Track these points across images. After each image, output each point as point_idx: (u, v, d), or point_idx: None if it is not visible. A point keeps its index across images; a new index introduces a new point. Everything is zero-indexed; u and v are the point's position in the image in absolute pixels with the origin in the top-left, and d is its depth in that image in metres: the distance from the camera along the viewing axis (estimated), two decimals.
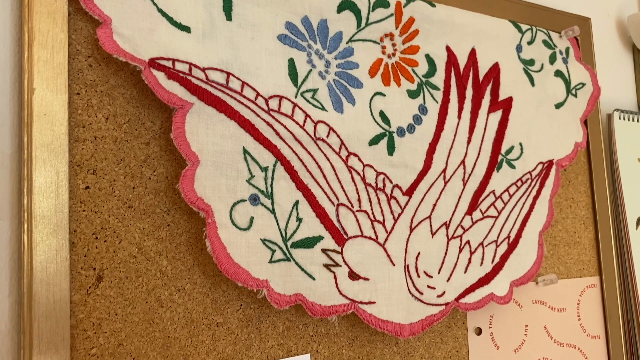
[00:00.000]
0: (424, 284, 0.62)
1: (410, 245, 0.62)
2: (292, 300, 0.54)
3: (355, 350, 0.61)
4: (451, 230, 0.65)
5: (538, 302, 0.75)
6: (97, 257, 0.48)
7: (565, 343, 0.77)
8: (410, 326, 0.61)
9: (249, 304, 0.55)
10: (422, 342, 0.65)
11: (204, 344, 0.52)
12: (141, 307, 0.49)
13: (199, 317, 0.52)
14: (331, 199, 0.57)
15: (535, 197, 0.73)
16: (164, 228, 0.51)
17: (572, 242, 0.80)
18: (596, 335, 0.80)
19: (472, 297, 0.66)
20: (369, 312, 0.59)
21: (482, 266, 0.67)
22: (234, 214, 0.51)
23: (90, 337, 0.47)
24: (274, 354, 0.56)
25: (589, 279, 0.81)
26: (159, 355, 0.50)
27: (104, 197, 0.48)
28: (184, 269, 0.52)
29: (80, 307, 0.47)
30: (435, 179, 0.65)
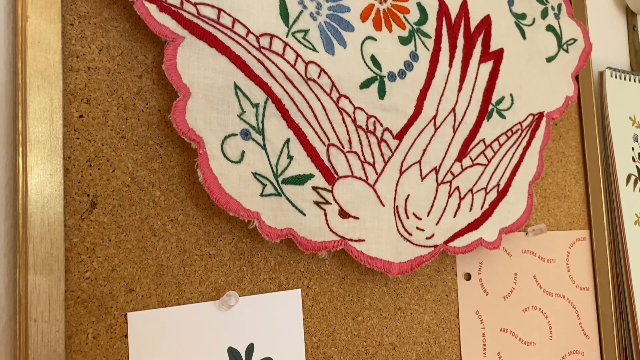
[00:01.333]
0: (412, 225, 0.63)
1: (400, 188, 0.62)
2: (283, 234, 0.54)
3: (345, 288, 0.61)
4: (441, 175, 0.66)
5: (527, 252, 0.75)
6: (91, 184, 0.48)
7: (554, 293, 0.77)
8: (399, 265, 0.61)
9: (241, 237, 0.55)
10: (411, 284, 0.66)
11: (196, 273, 0.53)
12: (134, 235, 0.50)
13: (191, 247, 0.53)
14: (322, 138, 0.57)
15: (525, 147, 0.73)
16: (156, 160, 0.52)
17: (562, 195, 0.80)
18: (585, 287, 0.80)
19: (460, 241, 0.66)
20: (359, 249, 0.59)
21: (471, 212, 0.68)
22: (225, 147, 0.52)
23: (85, 261, 0.48)
24: (265, 287, 0.56)
25: (579, 232, 0.81)
26: (152, 282, 0.51)
27: (97, 127, 0.49)
28: (176, 200, 0.52)
29: (75, 232, 0.47)
30: (426, 125, 0.65)
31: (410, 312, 0.65)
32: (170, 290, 0.51)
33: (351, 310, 0.61)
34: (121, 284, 0.49)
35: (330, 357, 0.59)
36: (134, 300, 0.50)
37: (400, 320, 0.64)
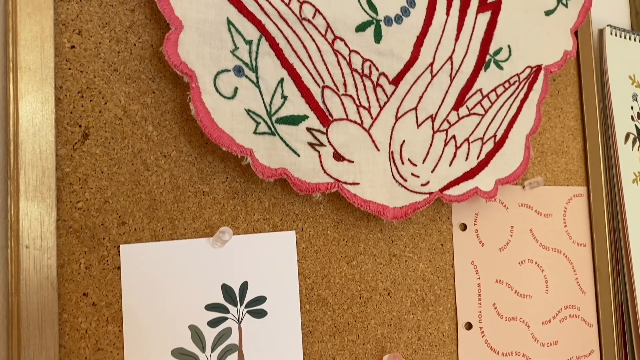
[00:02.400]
0: (408, 171, 0.62)
1: (395, 134, 0.61)
2: (277, 173, 0.54)
3: (340, 233, 0.61)
4: (437, 123, 0.65)
5: (524, 206, 0.75)
6: (83, 115, 0.48)
7: (550, 247, 0.76)
8: (394, 210, 0.61)
9: (235, 177, 0.55)
10: (406, 232, 0.65)
11: (190, 210, 0.52)
12: (127, 168, 0.49)
13: (185, 184, 0.52)
14: (316, 80, 0.57)
15: (522, 100, 0.72)
16: (149, 94, 0.51)
17: (560, 151, 0.79)
18: (582, 243, 0.80)
19: (456, 189, 0.66)
20: (353, 192, 0.58)
21: (467, 161, 0.67)
22: (218, 82, 0.51)
23: (77, 192, 0.47)
24: (259, 227, 0.56)
25: (576, 189, 0.80)
26: (145, 216, 0.50)
27: (89, 58, 0.48)
28: (169, 136, 0.52)
29: (66, 161, 0.47)
30: (422, 72, 0.64)
31: (405, 260, 0.65)
32: (164, 225, 0.51)
33: (345, 255, 0.61)
34: (114, 216, 0.49)
35: (324, 299, 0.59)
36: (127, 233, 0.49)
37: (394, 267, 0.64)
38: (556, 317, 0.75)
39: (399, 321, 0.64)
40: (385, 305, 0.63)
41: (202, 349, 0.51)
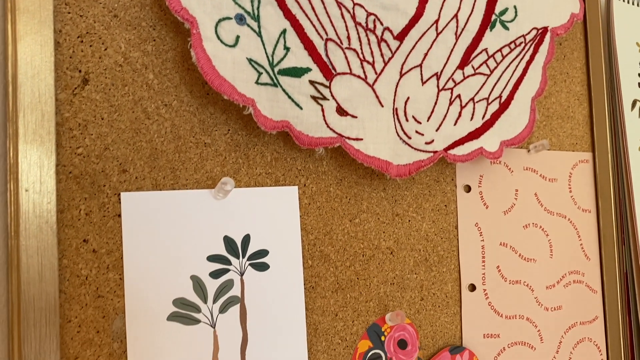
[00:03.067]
0: (412, 128, 0.61)
1: (400, 90, 0.60)
2: (280, 125, 0.53)
3: (343, 190, 0.60)
4: (442, 81, 0.63)
5: (529, 170, 0.74)
6: (83, 60, 0.47)
7: (555, 212, 0.75)
8: (398, 167, 0.60)
9: (237, 130, 0.54)
10: (409, 192, 0.64)
11: (191, 161, 0.51)
12: (127, 115, 0.49)
13: (186, 134, 0.51)
14: (320, 32, 0.55)
15: (528, 61, 0.71)
16: (150, 42, 0.50)
17: (565, 116, 0.78)
18: (587, 209, 0.78)
19: (461, 149, 0.65)
20: (356, 147, 0.57)
21: (472, 121, 0.66)
22: (220, 30, 0.50)
23: (77, 137, 0.46)
24: (261, 181, 0.55)
25: (582, 154, 0.79)
26: (146, 165, 0.49)
27: (89, 2, 0.47)
28: (170, 85, 0.51)
29: (66, 106, 0.46)
30: (428, 28, 0.62)
31: (408, 219, 0.64)
32: (165, 175, 0.50)
33: (348, 212, 0.60)
34: (114, 164, 0.48)
35: (327, 256, 0.58)
36: (127, 180, 0.48)
37: (397, 226, 0.63)
38: (560, 282, 0.74)
39: (401, 280, 0.63)
40: (388, 264, 0.62)
41: (204, 299, 0.51)
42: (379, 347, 0.60)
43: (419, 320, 0.64)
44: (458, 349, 0.65)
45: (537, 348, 0.71)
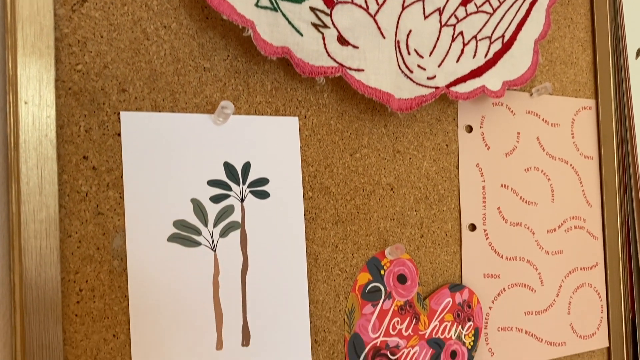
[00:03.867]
0: (414, 62, 0.60)
1: (402, 22, 0.60)
2: (279, 51, 0.52)
3: (343, 124, 0.60)
4: (444, 17, 0.63)
5: (531, 113, 0.73)
6: None
7: (557, 157, 0.75)
8: (399, 101, 0.59)
9: (236, 56, 0.53)
10: (411, 130, 0.64)
11: (191, 84, 0.51)
12: (127, 35, 0.48)
13: (185, 57, 0.51)
14: None
15: (532, 2, 0.70)
16: None
17: (569, 61, 0.77)
18: (589, 156, 0.78)
19: (463, 87, 0.64)
20: (357, 78, 0.57)
21: (474, 59, 0.65)
22: None
23: (76, 54, 0.46)
24: (261, 110, 0.55)
25: (585, 101, 0.78)
26: (145, 85, 0.49)
27: None
28: (169, 7, 0.50)
29: (65, 22, 0.46)
30: None
31: (409, 157, 0.64)
32: (164, 97, 0.50)
33: (349, 147, 0.60)
34: (113, 82, 0.48)
35: (327, 188, 0.58)
36: (127, 100, 0.48)
37: (398, 163, 0.63)
38: (561, 226, 0.74)
39: (402, 217, 0.63)
40: (389, 199, 0.62)
41: (204, 222, 0.51)
42: (379, 280, 0.61)
43: (418, 257, 0.64)
44: (458, 287, 0.65)
45: (537, 290, 0.71)
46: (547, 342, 0.72)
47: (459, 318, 0.65)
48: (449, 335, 0.64)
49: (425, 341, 0.63)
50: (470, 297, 0.66)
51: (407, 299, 0.62)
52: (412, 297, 0.62)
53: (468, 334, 0.65)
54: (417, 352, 0.62)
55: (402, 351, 0.61)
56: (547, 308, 0.72)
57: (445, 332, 0.64)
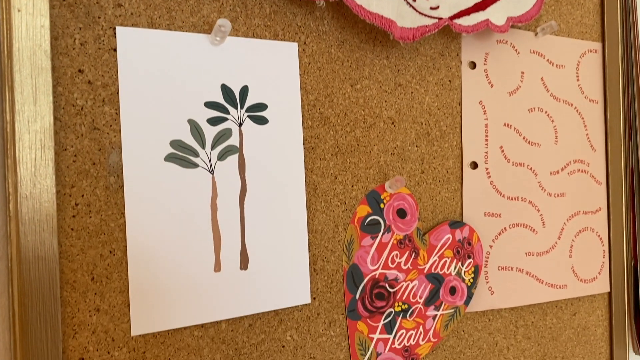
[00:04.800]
0: None
1: None
2: None
3: (344, 53, 0.58)
4: None
5: (536, 53, 0.71)
6: None
7: (562, 99, 0.73)
8: (402, 29, 0.58)
9: None
10: (413, 63, 0.63)
11: (188, 3, 0.50)
12: None
13: None
14: None
15: None
16: None
17: (575, 2, 0.75)
18: (594, 100, 0.77)
19: (467, 20, 0.63)
20: (358, 2, 0.56)
21: None
22: None
23: None
24: (260, 33, 0.54)
25: (591, 44, 0.77)
26: (142, 1, 0.48)
27: None
28: None
29: None
30: None
31: (411, 91, 0.63)
32: (161, 15, 0.49)
33: (350, 77, 0.59)
34: None
35: (327, 118, 0.57)
36: (123, 15, 0.47)
37: (400, 97, 0.62)
38: (564, 169, 0.73)
39: (402, 151, 0.62)
40: (389, 133, 0.61)
41: (201, 144, 0.50)
42: (378, 213, 0.60)
43: (418, 193, 0.63)
44: (458, 224, 0.64)
45: (538, 232, 0.71)
46: (548, 284, 0.71)
47: (459, 255, 0.64)
48: (448, 271, 0.64)
49: (424, 276, 0.62)
50: (471, 234, 0.65)
51: (406, 233, 0.61)
52: (411, 231, 0.62)
53: (468, 270, 0.65)
54: (416, 286, 0.62)
55: (401, 284, 0.61)
56: (548, 250, 0.71)
57: (444, 268, 0.63)
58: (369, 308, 0.59)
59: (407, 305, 0.61)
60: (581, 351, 0.75)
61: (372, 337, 0.59)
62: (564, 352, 0.74)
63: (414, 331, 0.62)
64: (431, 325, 0.63)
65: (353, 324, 0.59)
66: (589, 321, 0.76)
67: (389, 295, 0.60)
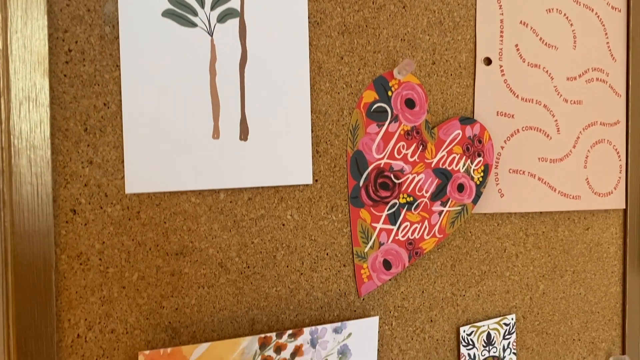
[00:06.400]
0: None
1: None
2: None
3: None
4: None
5: None
6: None
7: (582, 3, 0.70)
8: None
9: None
10: None
11: None
12: None
13: None
14: None
15: None
16: None
17: None
18: (617, 8, 0.73)
19: None
20: None
21: None
22: None
23: None
24: None
25: None
26: None
27: None
28: None
29: None
30: None
31: None
32: None
33: None
34: None
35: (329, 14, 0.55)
36: None
37: None
38: (582, 76, 0.70)
39: (413, 39, 0.59)
40: (400, 18, 0.58)
41: (200, 3, 0.48)
42: (385, 101, 0.57)
43: (429, 85, 0.60)
44: (469, 120, 0.62)
45: (553, 138, 0.68)
46: (561, 193, 0.69)
47: (469, 152, 0.62)
48: (456, 168, 0.61)
49: (432, 170, 0.60)
50: (482, 132, 0.62)
51: (414, 124, 0.59)
52: (419, 123, 0.59)
53: (477, 169, 0.62)
54: (423, 180, 0.59)
55: (407, 176, 0.59)
56: (562, 158, 0.68)
57: (453, 164, 0.61)
58: (373, 197, 0.57)
59: (412, 198, 0.59)
60: (593, 267, 0.73)
61: (375, 226, 0.57)
62: (575, 267, 0.71)
63: (418, 225, 0.59)
64: (437, 221, 0.60)
65: (356, 211, 0.57)
66: (603, 238, 0.73)
67: (393, 186, 0.58)
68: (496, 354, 0.65)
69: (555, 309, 0.70)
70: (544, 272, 0.69)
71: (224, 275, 0.50)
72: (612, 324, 0.75)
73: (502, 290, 0.66)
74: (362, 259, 0.57)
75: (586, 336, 0.73)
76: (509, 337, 0.66)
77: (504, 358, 0.65)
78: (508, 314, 0.66)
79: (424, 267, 0.61)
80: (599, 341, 0.74)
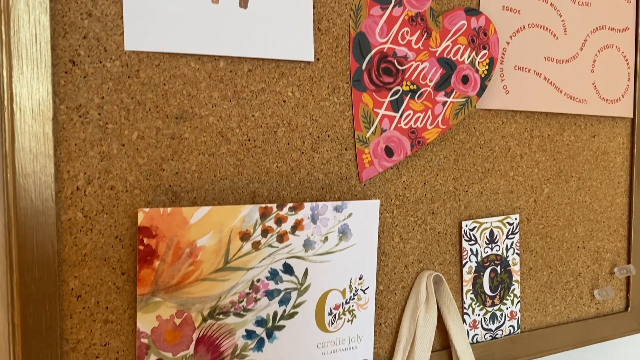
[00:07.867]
0: None
1: None
2: None
3: None
4: None
5: None
6: None
7: None
8: None
9: None
10: None
11: None
12: None
13: None
14: None
15: None
16: None
17: None
18: None
19: None
20: None
21: None
22: None
23: None
24: None
25: None
26: None
27: None
28: None
29: None
30: None
31: None
32: None
33: None
34: None
35: None
36: None
37: None
38: None
39: None
40: None
41: None
42: None
43: None
44: (474, 12, 0.61)
45: (559, 38, 0.66)
46: (567, 95, 0.67)
47: (474, 44, 0.61)
48: (461, 59, 0.60)
49: (436, 59, 0.59)
50: (487, 24, 0.61)
51: (419, 10, 0.58)
52: (424, 10, 0.58)
53: (482, 62, 0.61)
54: (427, 68, 0.59)
55: (411, 63, 0.58)
56: (569, 59, 0.67)
57: (457, 54, 0.60)
58: (376, 82, 0.56)
59: (415, 86, 0.58)
60: (599, 175, 0.72)
61: (378, 112, 0.57)
62: (581, 173, 0.70)
63: (421, 114, 0.59)
64: (440, 111, 0.60)
65: (358, 94, 0.56)
66: (609, 147, 0.72)
67: (397, 72, 0.57)
68: (499, 252, 0.64)
69: (559, 214, 0.69)
70: (548, 176, 0.68)
71: (225, 145, 0.50)
72: (618, 235, 0.74)
73: (506, 189, 0.65)
74: (363, 143, 0.56)
75: (591, 245, 0.72)
76: (512, 236, 0.65)
77: (507, 257, 0.65)
78: (512, 214, 0.65)
79: (426, 159, 0.60)
80: (604, 251, 0.73)
